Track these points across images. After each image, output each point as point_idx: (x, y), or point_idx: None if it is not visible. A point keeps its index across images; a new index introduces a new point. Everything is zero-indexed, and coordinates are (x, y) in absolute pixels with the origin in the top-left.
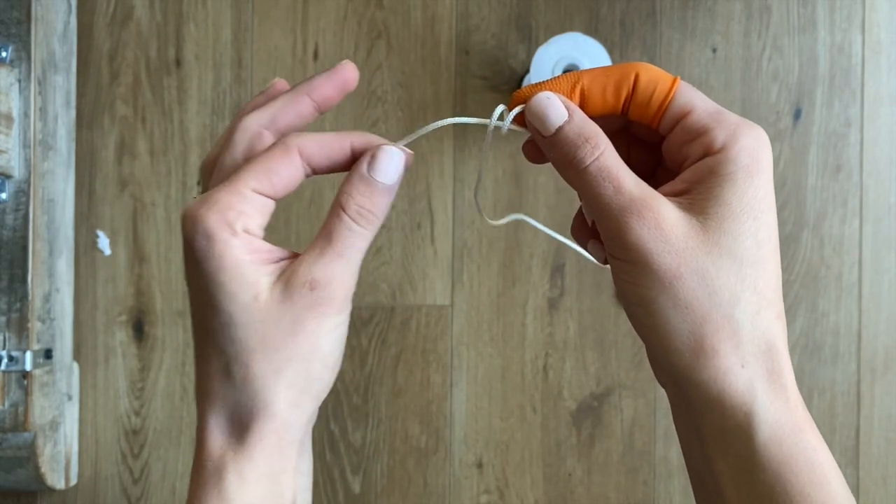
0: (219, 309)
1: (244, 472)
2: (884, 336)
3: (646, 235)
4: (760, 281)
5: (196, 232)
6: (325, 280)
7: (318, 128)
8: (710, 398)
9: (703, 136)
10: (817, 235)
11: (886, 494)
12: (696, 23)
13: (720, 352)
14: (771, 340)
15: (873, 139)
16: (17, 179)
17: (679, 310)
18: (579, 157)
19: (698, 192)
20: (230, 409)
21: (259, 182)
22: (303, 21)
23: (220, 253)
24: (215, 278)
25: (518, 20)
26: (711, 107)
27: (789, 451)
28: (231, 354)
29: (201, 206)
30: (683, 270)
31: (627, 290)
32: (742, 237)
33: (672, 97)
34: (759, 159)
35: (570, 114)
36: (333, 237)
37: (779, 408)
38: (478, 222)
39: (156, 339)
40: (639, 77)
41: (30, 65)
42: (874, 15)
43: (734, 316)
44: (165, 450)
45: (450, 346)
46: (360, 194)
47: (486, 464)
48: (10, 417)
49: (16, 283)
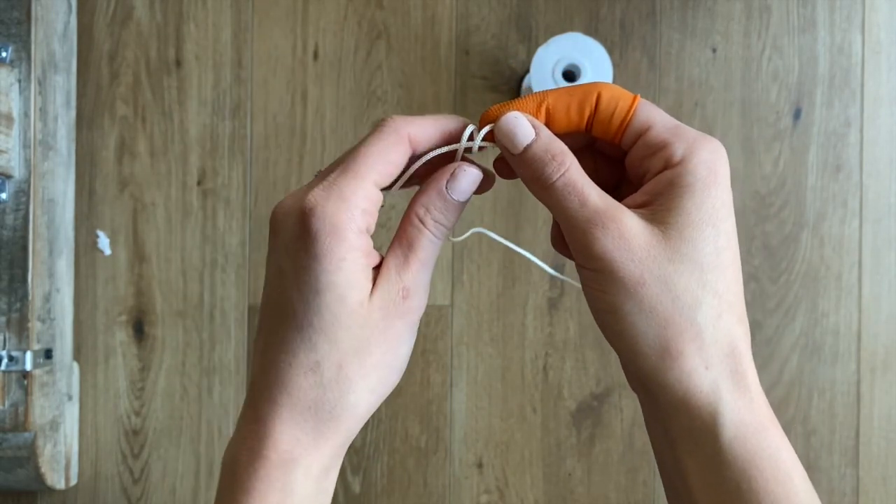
0: (323, 307)
1: (311, 468)
2: (884, 336)
3: (610, 245)
4: (721, 285)
5: (322, 225)
6: (413, 288)
7: (318, 125)
8: (677, 399)
9: (663, 150)
10: (817, 235)
11: (886, 494)
12: (696, 23)
13: (684, 353)
14: (733, 343)
15: (873, 139)
16: (17, 179)
17: (644, 314)
18: (546, 173)
19: (659, 203)
20: (310, 403)
21: (380, 175)
22: (303, 21)
23: (343, 253)
24: (330, 277)
25: (518, 20)
26: (670, 122)
27: (753, 450)
28: (325, 352)
29: (328, 198)
30: (647, 277)
31: (596, 298)
32: (702, 244)
33: (632, 114)
34: (716, 171)
35: (537, 132)
36: (415, 246)
37: (742, 407)
38: (478, 222)
39: (156, 339)
40: (600, 96)
41: (30, 65)
42: (874, 15)
43: (696, 319)
44: (165, 450)
45: (450, 346)
46: (437, 209)
47: (486, 464)
48: (10, 417)
49: (16, 283)
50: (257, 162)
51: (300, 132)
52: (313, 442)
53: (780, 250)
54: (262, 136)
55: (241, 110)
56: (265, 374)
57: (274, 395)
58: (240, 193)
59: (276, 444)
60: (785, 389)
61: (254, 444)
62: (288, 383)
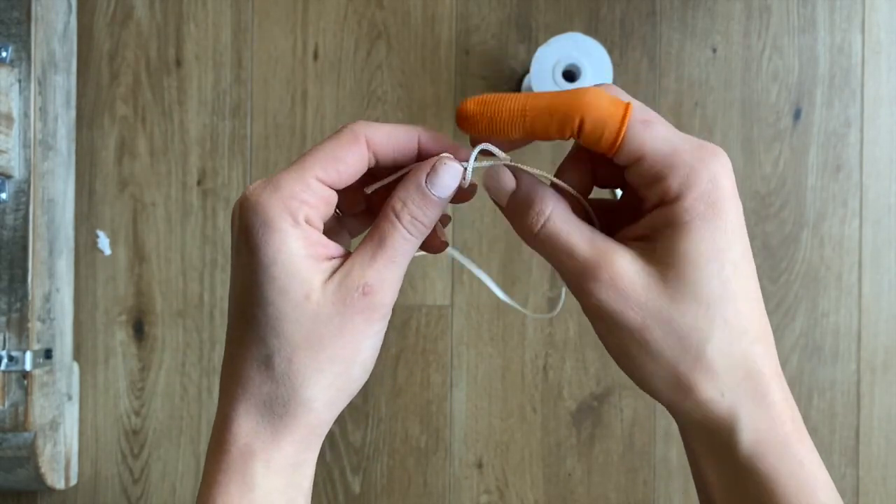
0: (267, 301)
1: (271, 461)
2: (884, 336)
3: (604, 296)
4: (730, 314)
5: (255, 217)
6: (377, 285)
7: (318, 125)
8: (695, 422)
9: (660, 183)
10: (817, 235)
11: (886, 494)
12: (696, 23)
13: (697, 388)
14: (750, 365)
15: (873, 139)
16: (17, 179)
17: (652, 356)
18: (528, 225)
19: (657, 241)
20: (264, 398)
21: (325, 171)
22: (303, 21)
23: (277, 244)
24: (268, 270)
25: (518, 20)
26: (664, 147)
27: (773, 465)
28: (274, 346)
29: (263, 190)
30: (649, 322)
31: (604, 339)
32: (705, 281)
33: (621, 143)
34: (715, 202)
35: (518, 182)
36: (387, 243)
37: (762, 427)
38: (478, 222)
39: (156, 339)
40: (584, 123)
41: (30, 65)
42: (874, 15)
43: (706, 354)
44: (165, 450)
45: (450, 346)
46: (415, 205)
47: (486, 464)
48: (10, 417)
49: (16, 283)
50: (257, 162)
51: (300, 132)
52: (271, 436)
53: (780, 250)
54: (262, 136)
55: (241, 110)
56: (225, 369)
57: (232, 388)
58: (239, 193)
59: (235, 438)
60: None
61: (218, 436)
62: (242, 377)
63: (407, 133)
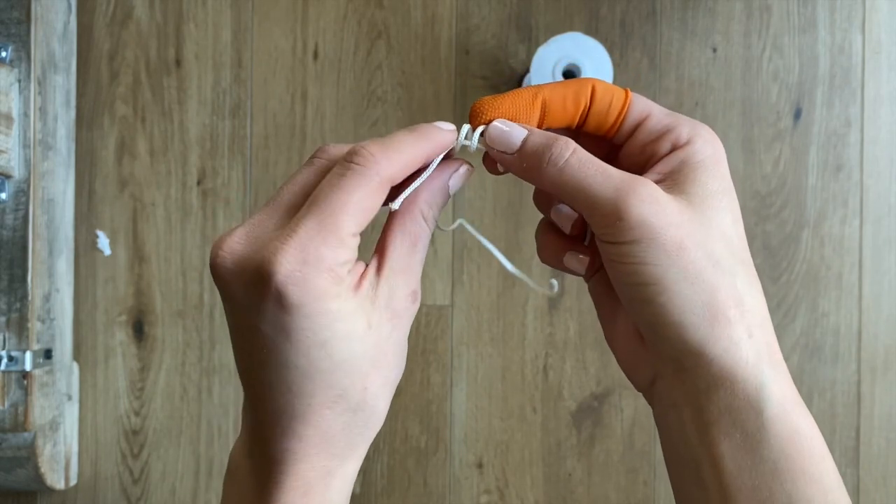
0: (335, 351)
1: (346, 473)
2: (884, 336)
3: (647, 210)
4: (744, 255)
5: (304, 293)
6: (419, 288)
7: (318, 125)
8: (722, 373)
9: (669, 134)
10: (817, 235)
11: (886, 494)
12: (696, 23)
13: (732, 321)
14: (764, 313)
15: (873, 139)
16: (17, 179)
17: (690, 282)
18: (555, 154)
19: (674, 180)
20: (340, 428)
21: (358, 226)
22: (303, 21)
23: (335, 308)
24: (333, 327)
25: (518, 20)
26: (665, 110)
27: (793, 427)
28: (346, 385)
29: (304, 265)
30: (688, 242)
31: (633, 272)
32: (722, 214)
33: (629, 105)
34: (718, 150)
35: (529, 129)
36: (419, 246)
37: (782, 381)
38: (478, 222)
39: (156, 339)
40: (595, 89)
41: (30, 65)
42: (874, 15)
43: (737, 285)
44: (165, 450)
45: (450, 346)
46: (438, 206)
47: (486, 464)
48: (10, 417)
49: (16, 283)
50: (257, 162)
51: (300, 132)
52: (351, 452)
53: (780, 250)
54: (261, 136)
55: (241, 110)
56: (277, 418)
57: (298, 431)
58: (239, 193)
59: (313, 465)
60: None
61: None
62: (312, 418)
63: (421, 155)
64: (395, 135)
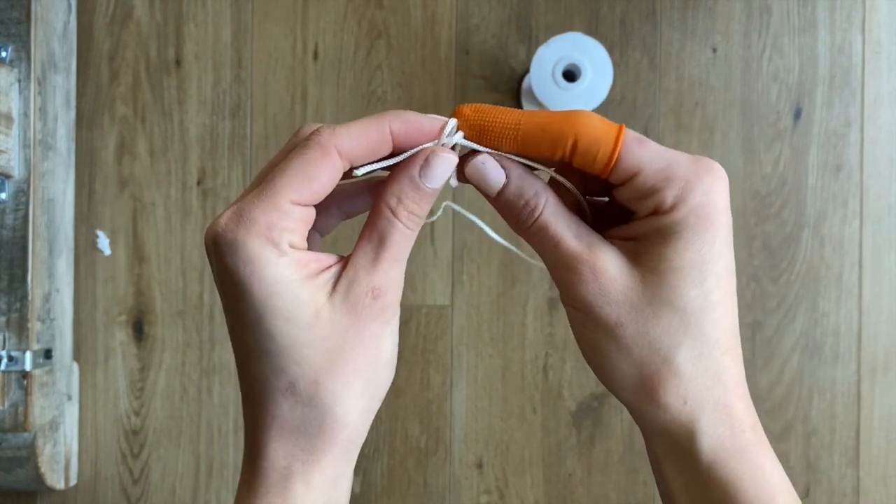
0: (276, 332)
1: (312, 480)
2: (884, 336)
3: (584, 290)
4: (707, 325)
5: (236, 257)
6: (385, 286)
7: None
8: (657, 428)
9: (653, 197)
10: (817, 235)
11: (886, 494)
12: (696, 23)
13: (660, 391)
14: (718, 376)
15: (873, 139)
16: (17, 179)
17: (622, 353)
18: (521, 217)
19: (644, 245)
20: (296, 422)
21: (298, 192)
22: (303, 21)
23: (270, 278)
24: (268, 303)
25: (518, 20)
26: (660, 162)
27: (734, 473)
28: (296, 374)
29: (237, 226)
30: (623, 320)
31: (577, 333)
32: (685, 289)
33: (616, 162)
34: (708, 215)
35: (508, 175)
36: (387, 242)
37: (722, 434)
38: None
39: (156, 339)
40: (577, 143)
41: (30, 65)
42: (874, 15)
43: (675, 360)
44: (165, 450)
45: (450, 346)
46: (410, 199)
47: (486, 464)
48: (10, 417)
49: (16, 283)
50: (257, 162)
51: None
52: (310, 457)
53: (780, 250)
54: (261, 136)
55: (241, 110)
56: (248, 401)
57: (259, 417)
58: (239, 193)
59: (273, 463)
60: (785, 389)
61: (252, 464)
62: (269, 406)
63: (378, 130)
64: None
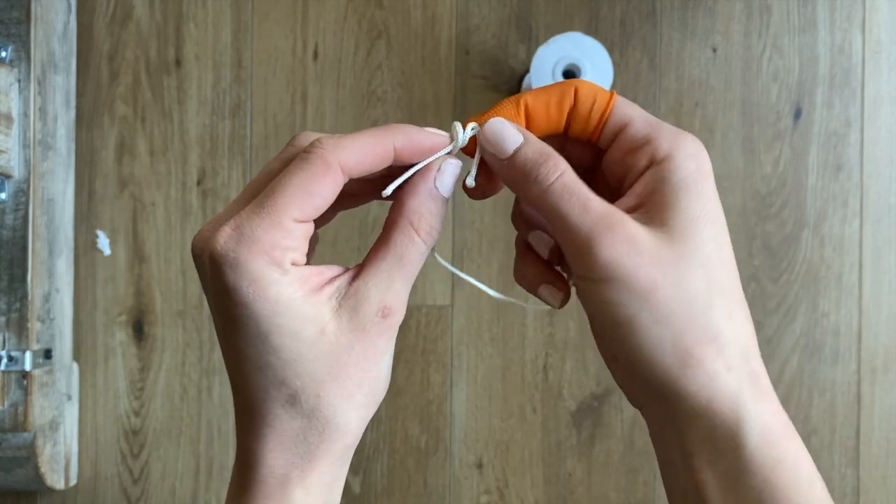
0: (279, 347)
1: (310, 485)
2: (884, 336)
3: (619, 251)
4: (727, 283)
5: (238, 276)
6: (396, 306)
7: (318, 125)
8: (700, 407)
9: (647, 146)
10: (817, 235)
11: (886, 494)
12: (696, 23)
13: (705, 359)
14: (747, 342)
15: (873, 139)
16: (17, 179)
17: (661, 323)
18: (542, 174)
19: (653, 204)
20: (296, 432)
21: (301, 210)
22: (303, 21)
23: (274, 296)
24: (272, 321)
25: (518, 20)
26: (649, 117)
27: (777, 456)
28: (298, 387)
29: (238, 244)
30: (661, 282)
31: (605, 311)
32: (704, 243)
33: (611, 108)
34: (703, 164)
35: (525, 136)
36: (405, 260)
37: (765, 411)
38: (478, 222)
39: (156, 339)
40: (578, 91)
41: (29, 65)
42: (874, 15)
43: (712, 321)
44: (165, 450)
45: (450, 346)
46: (431, 213)
47: (486, 464)
48: (9, 417)
49: (16, 283)
50: (257, 162)
51: (300, 132)
52: (309, 463)
53: (780, 250)
54: (261, 136)
55: (241, 110)
56: (245, 412)
57: (255, 427)
58: (239, 193)
59: (271, 470)
60: (785, 389)
61: (247, 471)
62: (267, 416)
63: (383, 147)
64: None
